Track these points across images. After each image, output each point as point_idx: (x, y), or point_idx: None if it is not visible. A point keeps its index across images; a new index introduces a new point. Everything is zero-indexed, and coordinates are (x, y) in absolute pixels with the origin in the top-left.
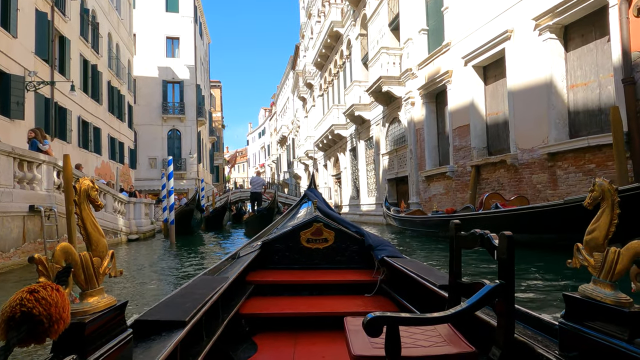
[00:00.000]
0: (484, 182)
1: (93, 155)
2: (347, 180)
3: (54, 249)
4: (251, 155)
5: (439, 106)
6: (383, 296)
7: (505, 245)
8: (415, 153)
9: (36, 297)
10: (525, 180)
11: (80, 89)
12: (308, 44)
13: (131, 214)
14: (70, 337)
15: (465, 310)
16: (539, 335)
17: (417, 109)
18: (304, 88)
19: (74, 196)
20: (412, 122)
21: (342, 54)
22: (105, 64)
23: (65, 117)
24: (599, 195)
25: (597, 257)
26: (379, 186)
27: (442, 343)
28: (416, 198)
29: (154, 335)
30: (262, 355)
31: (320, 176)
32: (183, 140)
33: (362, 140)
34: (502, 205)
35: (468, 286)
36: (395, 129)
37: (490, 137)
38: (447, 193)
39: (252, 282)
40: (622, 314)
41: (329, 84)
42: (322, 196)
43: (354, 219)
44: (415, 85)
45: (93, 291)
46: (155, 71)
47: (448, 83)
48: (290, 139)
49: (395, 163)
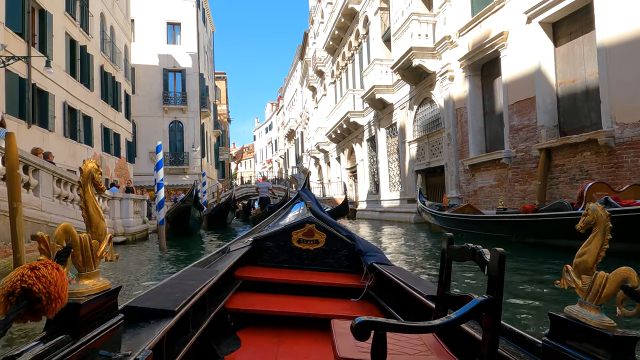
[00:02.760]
0: (557, 170)
1: (82, 147)
2: (364, 174)
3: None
4: (258, 151)
5: (486, 79)
6: (369, 302)
7: (496, 262)
8: (454, 138)
9: (37, 274)
10: (627, 166)
11: (66, 71)
12: (318, 29)
13: (116, 211)
14: (65, 317)
15: (453, 322)
16: (521, 352)
17: (457, 85)
18: (313, 77)
19: (80, 178)
20: (450, 101)
21: (358, 34)
22: (97, 47)
23: (46, 101)
24: (592, 220)
25: (585, 279)
26: (404, 179)
27: (427, 352)
28: (456, 191)
29: (143, 322)
30: (246, 350)
31: (333, 170)
32: (185, 132)
33: (382, 127)
34: (615, 201)
35: (456, 299)
36: (425, 112)
37: (563, 113)
38: (499, 185)
39: (241, 278)
40: (606, 337)
41: (342, 70)
42: (315, 197)
43: (372, 217)
44: (454, 56)
45: (89, 273)
46: (155, 59)
47: (502, 48)
48: (298, 132)
49: (425, 151)
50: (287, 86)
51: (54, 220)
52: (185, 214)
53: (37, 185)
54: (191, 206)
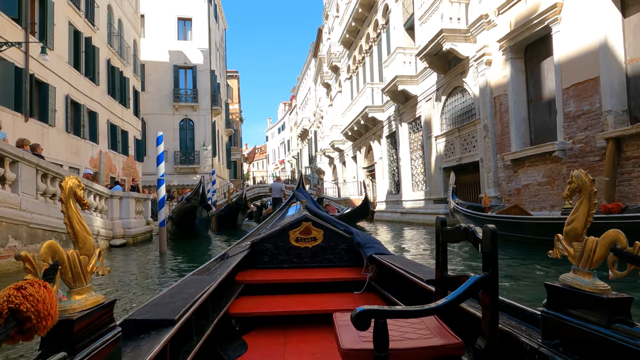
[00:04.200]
0: (629, 163)
1: (87, 144)
2: (382, 173)
3: None
4: (270, 151)
5: (530, 62)
6: (372, 293)
7: (489, 238)
8: (492, 130)
9: (23, 293)
10: None
11: (68, 63)
12: (333, 23)
13: (115, 212)
14: (58, 334)
15: (451, 302)
16: (522, 325)
17: (496, 69)
18: (328, 73)
19: (61, 194)
20: (486, 89)
21: (377, 24)
22: (104, 40)
23: (46, 93)
24: (577, 187)
25: (576, 246)
26: (429, 177)
27: (429, 335)
28: (495, 190)
29: (143, 334)
30: (253, 354)
31: (348, 170)
32: (196, 130)
33: (404, 122)
34: None
35: (454, 279)
36: (456, 102)
37: (634, 95)
38: (550, 182)
39: (242, 282)
40: (601, 300)
41: (358, 64)
42: (310, 196)
43: (392, 218)
44: (493, 37)
45: (81, 289)
46: (165, 55)
47: (554, 23)
48: (312, 132)
49: (456, 146)
50: (300, 85)
51: (36, 220)
52: (190, 214)
53: (16, 180)
54: (197, 205)
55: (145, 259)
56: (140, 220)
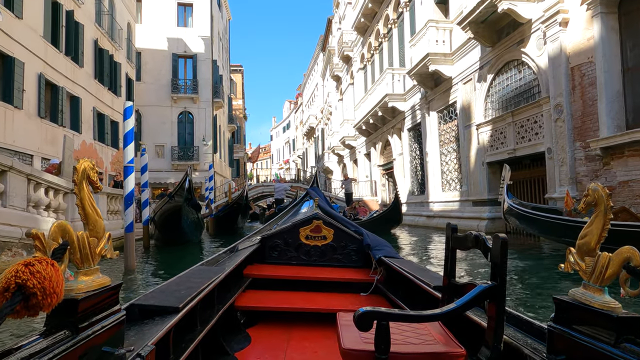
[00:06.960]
0: None
1: (66, 132)
2: (402, 170)
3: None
4: (275, 151)
5: (627, 18)
6: (379, 296)
7: (498, 248)
8: (568, 110)
9: (31, 270)
10: None
11: (43, 37)
12: (345, 11)
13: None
14: (63, 313)
15: (456, 310)
16: (528, 338)
17: (576, 31)
18: (338, 64)
19: (75, 177)
20: (560, 57)
21: (399, 3)
22: (90, 17)
23: (11, 69)
24: (593, 201)
25: (588, 261)
26: (467, 175)
27: (432, 341)
28: (572, 189)
29: (148, 319)
30: (255, 347)
31: (360, 168)
32: (196, 124)
33: (432, 111)
34: None
35: (461, 287)
36: (509, 81)
37: None
38: None
39: (250, 276)
40: (610, 318)
41: (374, 50)
42: (323, 195)
43: (416, 222)
44: None
45: (88, 270)
46: (164, 43)
47: None
48: (319, 129)
49: (508, 135)
50: (306, 82)
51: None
52: (174, 215)
53: (4, 192)
54: (182, 204)
55: None
56: (115, 221)
